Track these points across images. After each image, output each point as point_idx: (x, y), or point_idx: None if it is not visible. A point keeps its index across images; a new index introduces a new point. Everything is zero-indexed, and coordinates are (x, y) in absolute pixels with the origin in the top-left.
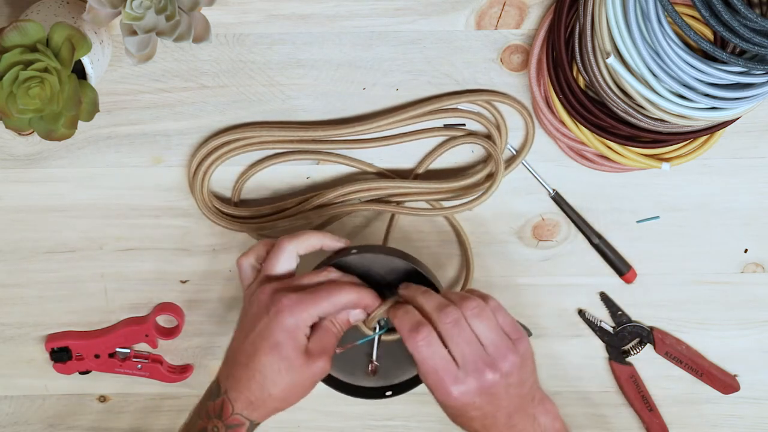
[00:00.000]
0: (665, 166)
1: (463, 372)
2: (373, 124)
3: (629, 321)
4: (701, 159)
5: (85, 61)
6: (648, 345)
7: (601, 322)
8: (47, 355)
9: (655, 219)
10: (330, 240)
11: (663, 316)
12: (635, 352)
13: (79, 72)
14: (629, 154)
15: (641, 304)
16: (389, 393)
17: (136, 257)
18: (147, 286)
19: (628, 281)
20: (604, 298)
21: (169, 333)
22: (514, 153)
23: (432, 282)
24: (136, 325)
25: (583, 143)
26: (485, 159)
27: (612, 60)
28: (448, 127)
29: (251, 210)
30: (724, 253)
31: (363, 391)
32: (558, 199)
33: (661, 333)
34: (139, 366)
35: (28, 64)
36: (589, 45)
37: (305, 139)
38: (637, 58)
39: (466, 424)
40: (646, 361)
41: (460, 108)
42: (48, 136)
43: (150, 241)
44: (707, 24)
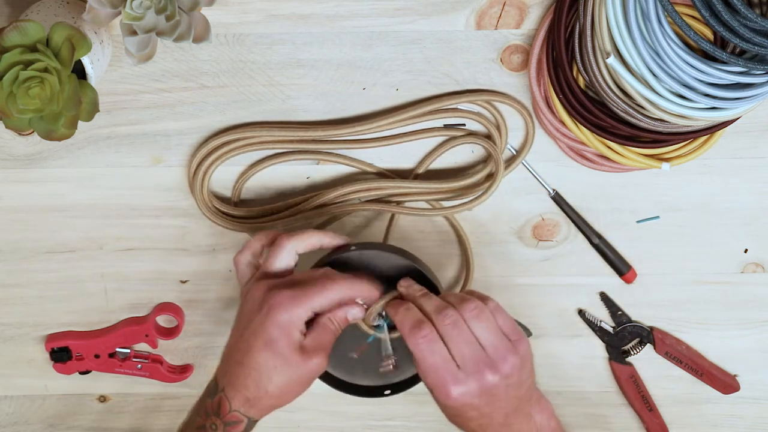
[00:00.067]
0: (665, 166)
1: (463, 373)
2: (373, 124)
3: (629, 321)
4: (701, 159)
5: (85, 61)
6: (648, 345)
7: (601, 322)
8: (47, 355)
9: (655, 219)
10: (330, 238)
11: (663, 316)
12: (635, 352)
13: (79, 72)
14: (629, 154)
15: (641, 304)
16: (388, 392)
17: (136, 257)
18: (147, 286)
19: (628, 281)
20: (604, 298)
21: (169, 333)
22: (514, 153)
23: (431, 280)
24: (136, 325)
25: (583, 143)
26: (485, 159)
27: (612, 60)
28: (448, 127)
29: (251, 210)
30: (724, 253)
31: (362, 390)
32: (558, 199)
33: (661, 333)
34: (139, 366)
35: (28, 64)
36: (589, 45)
37: (305, 139)
38: (637, 58)
39: (463, 424)
40: (646, 361)
41: (460, 108)
42: (48, 136)
43: (150, 241)
44: (707, 24)
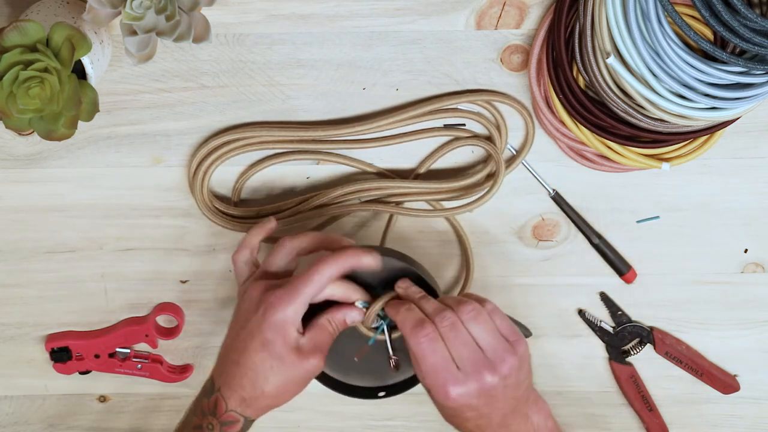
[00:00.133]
0: (665, 166)
1: (462, 374)
2: (373, 124)
3: (629, 321)
4: (701, 159)
5: (85, 61)
6: (648, 345)
7: (601, 322)
8: (47, 355)
9: (655, 219)
10: (332, 240)
11: (663, 316)
12: (635, 352)
13: (79, 72)
14: (629, 154)
15: (641, 304)
16: (382, 393)
17: (136, 257)
18: (147, 286)
19: (628, 281)
20: (604, 298)
21: (169, 333)
22: (514, 153)
23: (429, 283)
24: (136, 325)
25: (583, 143)
26: (485, 159)
27: (612, 60)
28: (448, 127)
29: (251, 210)
30: (724, 253)
31: (356, 391)
32: (558, 199)
33: (661, 333)
34: (139, 366)
35: (28, 64)
36: (589, 45)
37: (305, 139)
38: (637, 58)
39: (460, 424)
40: (646, 361)
41: (460, 108)
42: (48, 136)
43: (150, 241)
44: (707, 24)
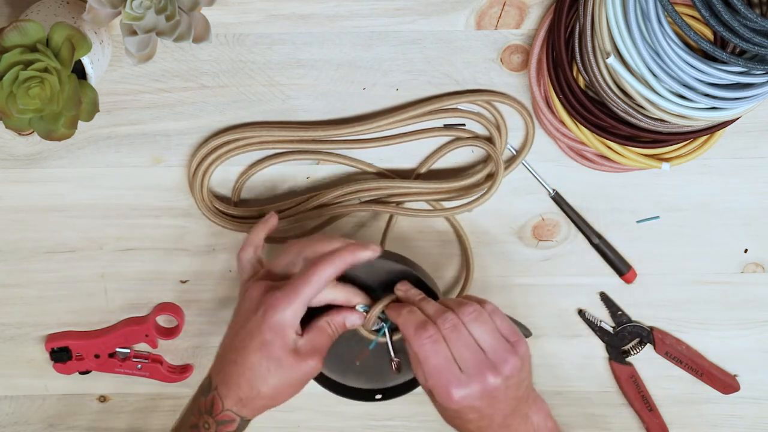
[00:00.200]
0: (665, 166)
1: (465, 375)
2: (373, 124)
3: (629, 321)
4: (701, 159)
5: (85, 61)
6: (648, 345)
7: (601, 322)
8: (47, 355)
9: (655, 219)
10: (339, 242)
11: (663, 316)
12: (635, 352)
13: (79, 72)
14: (629, 154)
15: (641, 304)
16: (379, 396)
17: (136, 257)
18: (147, 286)
19: (628, 281)
20: (604, 298)
21: (169, 333)
22: (514, 153)
23: (428, 285)
24: (136, 325)
25: (583, 143)
26: (485, 159)
27: (612, 60)
28: (448, 127)
29: (251, 210)
30: (724, 253)
31: (353, 392)
32: (558, 199)
33: (661, 333)
34: (139, 366)
35: (28, 64)
36: (589, 45)
37: (305, 139)
38: (637, 58)
39: (461, 426)
40: (646, 361)
41: (460, 108)
42: (48, 136)
43: (150, 241)
44: (707, 24)
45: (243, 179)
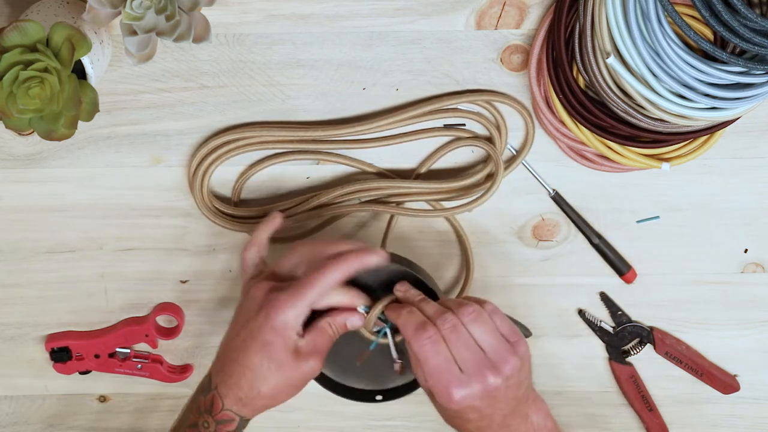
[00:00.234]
0: (665, 166)
1: (466, 376)
2: (373, 124)
3: (629, 321)
4: (701, 159)
5: (85, 61)
6: (648, 345)
7: (601, 322)
8: (47, 355)
9: (655, 219)
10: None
11: (663, 316)
12: (635, 352)
13: (79, 72)
14: (629, 154)
15: (641, 304)
16: (379, 398)
17: (136, 257)
18: (147, 286)
19: (628, 281)
20: (604, 298)
21: (169, 333)
22: (514, 153)
23: (428, 285)
24: (136, 325)
25: (583, 143)
26: (485, 159)
27: (612, 60)
28: (448, 127)
29: (251, 210)
30: (724, 253)
31: (354, 393)
32: (558, 199)
33: (661, 333)
34: (139, 366)
35: (28, 64)
36: (589, 45)
37: (305, 139)
38: (637, 58)
39: (461, 426)
40: (646, 361)
41: (460, 108)
42: (48, 136)
43: (150, 241)
44: (707, 24)
45: (243, 179)
